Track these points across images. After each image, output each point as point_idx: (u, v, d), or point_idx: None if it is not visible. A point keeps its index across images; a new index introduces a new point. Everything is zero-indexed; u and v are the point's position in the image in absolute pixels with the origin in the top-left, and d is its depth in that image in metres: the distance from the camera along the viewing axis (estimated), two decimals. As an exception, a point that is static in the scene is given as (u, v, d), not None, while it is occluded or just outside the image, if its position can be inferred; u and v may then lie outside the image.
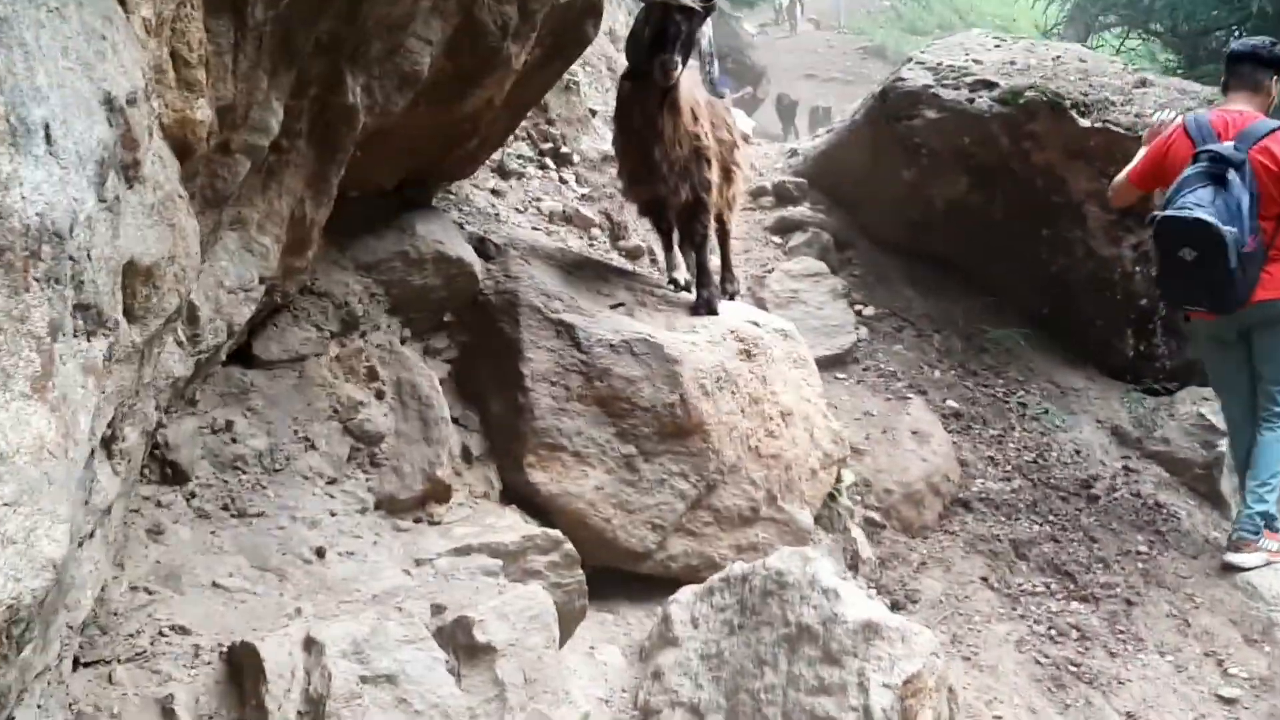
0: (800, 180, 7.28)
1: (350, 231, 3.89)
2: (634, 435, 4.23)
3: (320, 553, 3.30)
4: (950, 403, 6.19)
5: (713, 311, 4.78)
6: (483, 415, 4.21)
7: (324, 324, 3.69)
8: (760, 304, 6.31)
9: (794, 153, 7.77)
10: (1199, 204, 4.81)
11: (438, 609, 3.05)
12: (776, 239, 6.97)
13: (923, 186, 6.76)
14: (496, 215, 5.45)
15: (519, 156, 6.20)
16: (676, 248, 5.15)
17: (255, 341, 3.54)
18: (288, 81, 2.90)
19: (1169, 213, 4.90)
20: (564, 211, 6.09)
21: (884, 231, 7.11)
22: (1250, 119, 5.11)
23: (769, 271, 6.56)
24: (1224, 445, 6.18)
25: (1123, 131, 6.11)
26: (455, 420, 4.17)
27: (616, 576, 4.24)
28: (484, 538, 3.66)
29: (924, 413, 5.93)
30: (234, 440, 3.36)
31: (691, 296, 4.88)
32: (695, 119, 4.60)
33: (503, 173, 5.97)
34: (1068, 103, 6.13)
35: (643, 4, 4.25)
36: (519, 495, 4.12)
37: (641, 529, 4.21)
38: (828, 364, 6.14)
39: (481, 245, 4.42)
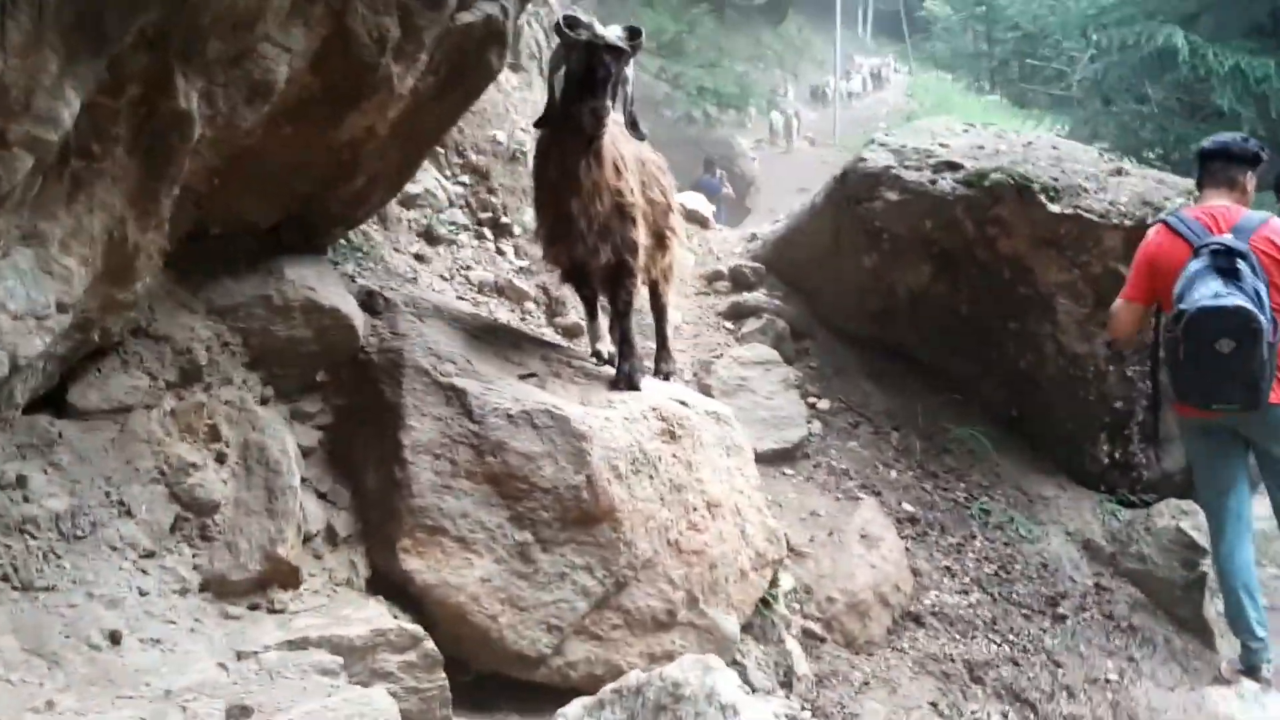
0: (757, 265, 6.86)
1: (206, 270, 3.42)
2: (531, 520, 3.71)
3: (115, 638, 2.76)
4: (906, 506, 5.67)
5: (633, 386, 4.30)
6: (355, 490, 3.69)
7: (159, 372, 3.19)
8: (705, 391, 5.82)
9: (753, 237, 7.37)
10: (1229, 293, 4.50)
11: (239, 712, 2.50)
12: (729, 325, 6.51)
13: (884, 274, 6.33)
14: (413, 280, 5.00)
15: (451, 223, 5.79)
16: (601, 317, 4.69)
17: (72, 387, 3.04)
18: (94, 72, 2.45)
19: (1204, 304, 4.53)
20: (495, 283, 5.66)
21: (843, 320, 6.67)
22: (1238, 212, 4.81)
23: (717, 358, 6.08)
24: (1207, 564, 5.66)
25: (1096, 219, 5.71)
26: (323, 496, 3.66)
27: (505, 684, 3.69)
28: (329, 630, 3.11)
29: (876, 515, 5.40)
30: (26, 499, 2.84)
31: (612, 371, 4.41)
32: (619, 172, 4.17)
33: (429, 237, 5.54)
34: (1036, 186, 5.74)
35: (561, 42, 3.85)
36: (390, 584, 3.58)
37: (535, 630, 3.67)
38: (774, 459, 5.64)
39: (369, 299, 3.95)
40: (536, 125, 4.10)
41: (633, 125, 4.13)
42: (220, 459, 3.22)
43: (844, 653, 4.82)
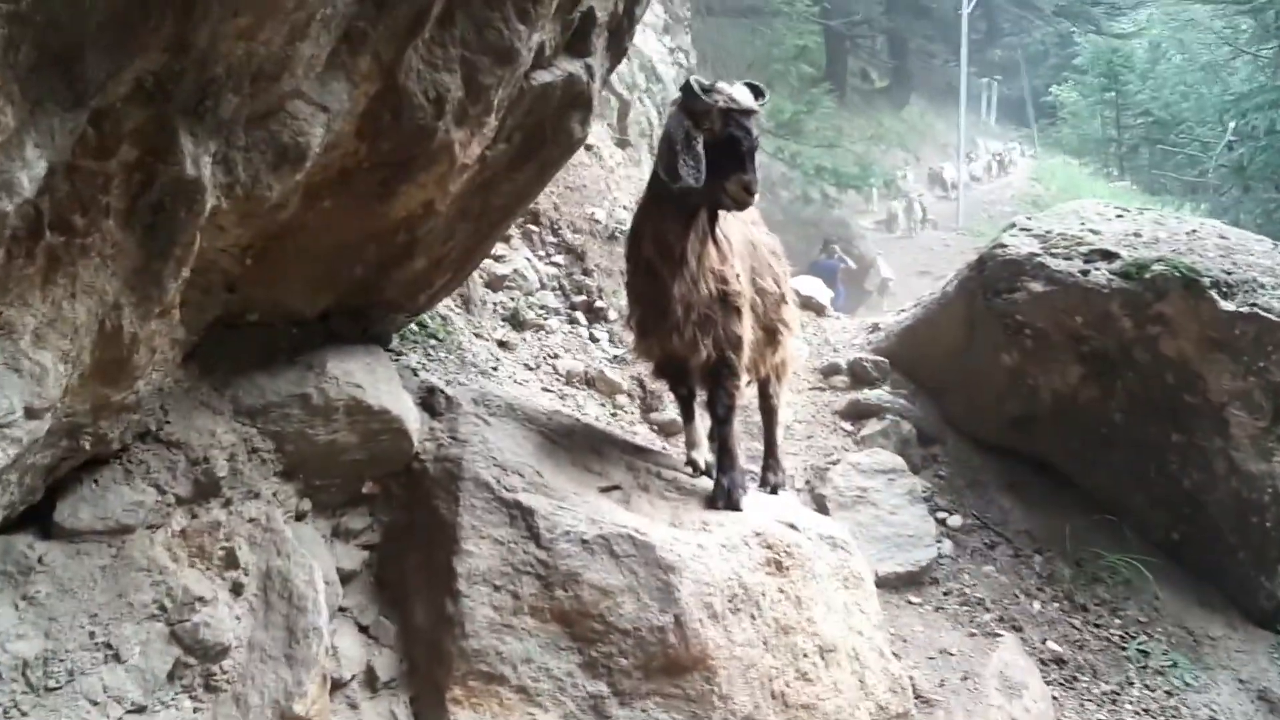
0: (880, 360, 6.20)
1: (236, 365, 2.94)
2: (607, 668, 3.12)
3: (86, 819, 2.23)
4: (1051, 645, 4.89)
5: (733, 506, 3.69)
6: (403, 625, 3.14)
7: (168, 484, 2.69)
8: (820, 503, 5.18)
9: (875, 327, 6.71)
10: None
11: None
12: (847, 426, 5.86)
13: (1026, 375, 5.62)
14: (494, 369, 4.49)
15: (541, 306, 5.30)
16: (700, 420, 4.10)
17: (60, 503, 2.56)
18: (70, 128, 1.99)
19: None
20: (586, 373, 5.12)
21: (977, 425, 5.95)
22: None
23: (834, 463, 5.43)
24: None
25: (1276, 319, 4.93)
26: (365, 629, 3.12)
27: None
28: (355, 808, 2.55)
29: (1018, 656, 4.65)
30: (-12, 642, 2.35)
31: (710, 484, 3.80)
32: (724, 256, 3.61)
33: (516, 322, 5.05)
34: (1206, 281, 5.00)
35: (681, 107, 3.32)
36: (437, 743, 3.01)
37: (610, 800, 3.06)
38: (898, 584, 4.95)
39: (430, 397, 3.44)
40: (646, 197, 3.58)
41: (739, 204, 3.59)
42: (236, 590, 2.70)
43: (979, 825, 4.07)
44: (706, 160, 3.27)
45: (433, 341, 4.18)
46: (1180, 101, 28.47)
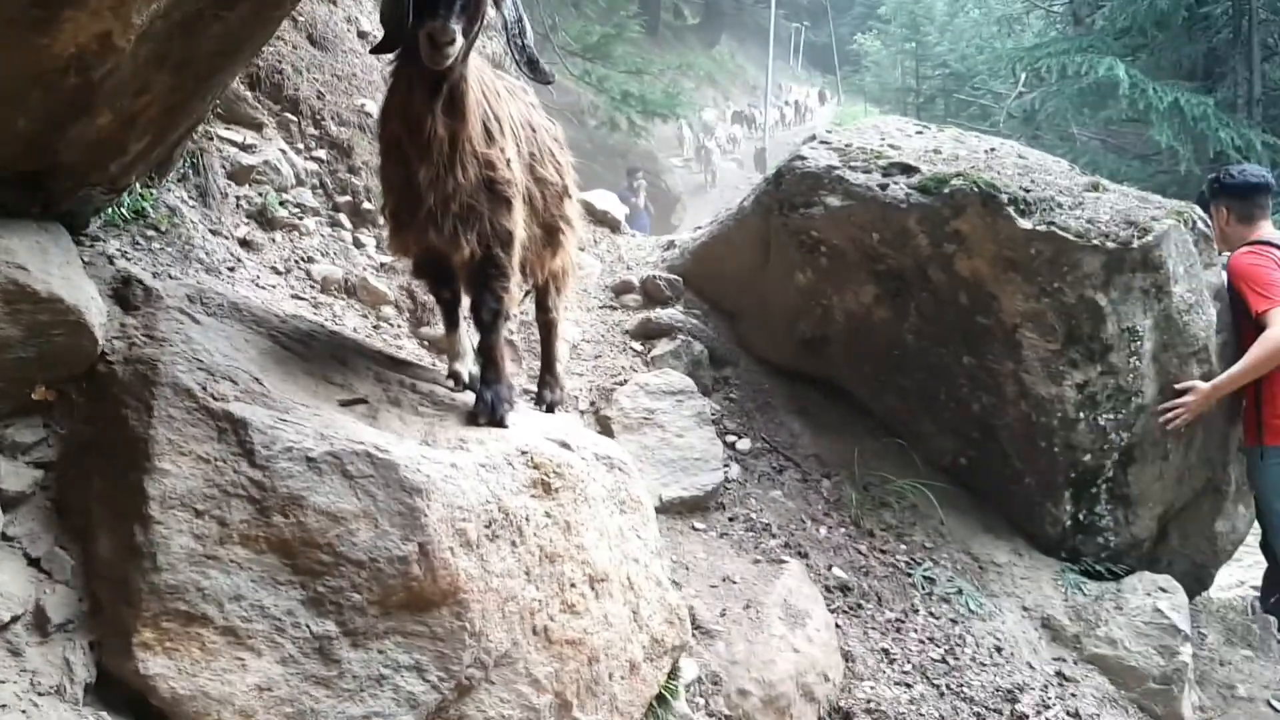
0: (674, 278, 5.86)
1: None
2: (336, 605, 2.66)
3: None
4: (837, 571, 4.69)
5: (497, 421, 3.26)
6: (84, 557, 2.59)
7: None
8: (604, 425, 4.82)
9: (671, 245, 6.36)
10: None
11: None
12: (637, 346, 5.50)
13: (820, 294, 5.38)
14: (231, 271, 3.92)
15: (297, 205, 4.71)
16: (465, 329, 3.64)
17: None
18: None
19: None
20: (345, 281, 4.58)
21: (771, 347, 5.69)
22: None
23: (621, 384, 5.07)
24: (1187, 652, 4.79)
25: (1073, 239, 4.81)
26: (35, 563, 2.56)
27: (292, 825, 2.63)
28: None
29: (802, 583, 4.42)
30: None
31: (471, 397, 3.37)
32: (490, 136, 3.15)
33: (264, 220, 4.46)
34: (1004, 197, 4.83)
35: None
36: (123, 694, 2.50)
37: (336, 755, 2.61)
38: (683, 509, 4.65)
39: (124, 288, 2.86)
40: (373, 51, 3.08)
41: (531, 65, 3.13)
42: None
43: (757, 763, 3.83)
44: (411, 7, 2.79)
45: (151, 232, 3.57)
46: (976, 54, 29.41)
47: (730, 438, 5.14)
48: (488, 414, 3.23)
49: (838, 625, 4.41)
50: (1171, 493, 5.49)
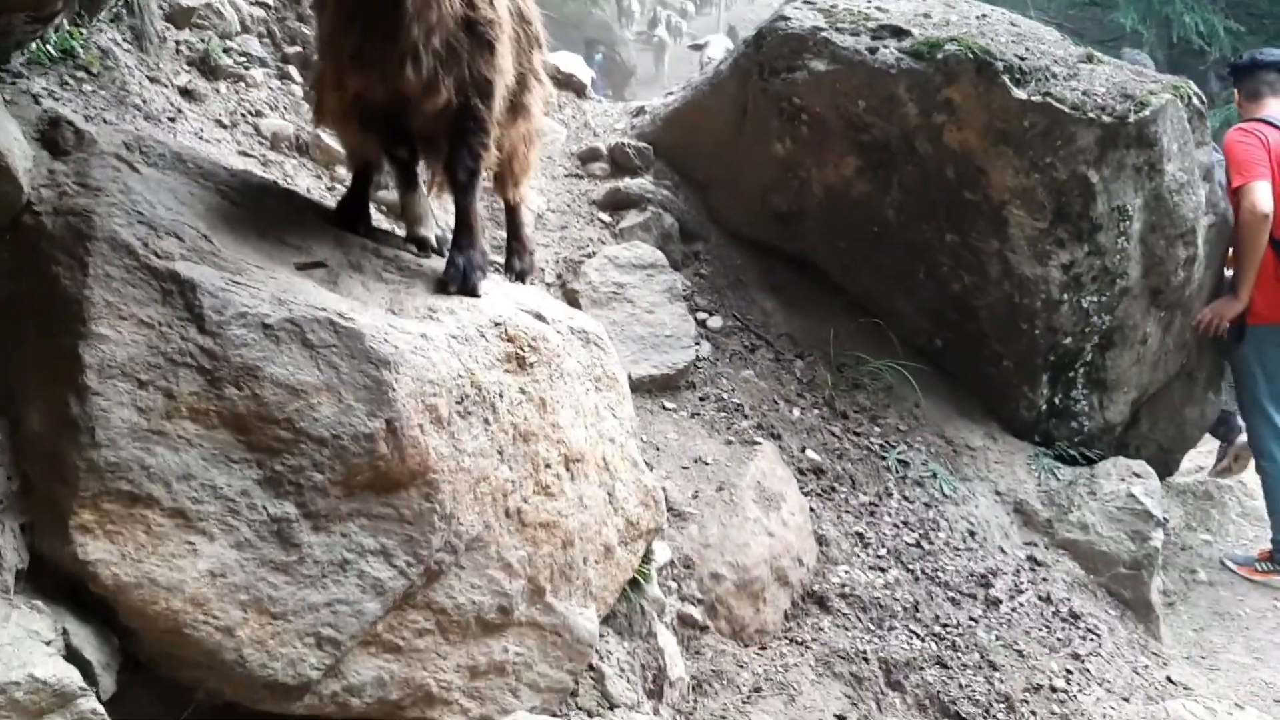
0: (644, 146, 5.55)
1: None
2: (295, 485, 2.42)
3: None
4: (810, 453, 4.54)
5: (470, 290, 2.99)
6: (12, 432, 2.32)
7: None
8: (571, 299, 4.58)
9: (640, 111, 6.03)
10: None
11: None
12: (605, 217, 5.23)
13: (798, 165, 5.12)
14: (171, 122, 3.58)
15: (243, 53, 4.35)
16: (422, 189, 3.32)
17: None
18: None
19: None
20: (297, 137, 4.25)
21: (744, 221, 5.44)
22: None
23: (589, 256, 4.81)
24: (1159, 537, 4.74)
25: (1068, 111, 4.58)
26: (-45, 435, 2.30)
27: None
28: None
29: (776, 465, 4.27)
30: None
31: (442, 263, 3.10)
32: None
33: (207, 68, 4.10)
34: (1000, 65, 4.57)
35: None
36: (60, 581, 2.27)
37: (297, 644, 2.41)
38: (653, 387, 4.45)
39: (53, 130, 2.55)
40: None
41: None
42: None
43: (730, 646, 3.72)
44: None
45: (82, 74, 3.22)
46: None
47: (701, 315, 4.92)
48: (459, 282, 2.96)
49: (811, 509, 4.27)
50: (1147, 377, 5.41)
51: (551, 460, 3.01)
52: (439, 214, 3.43)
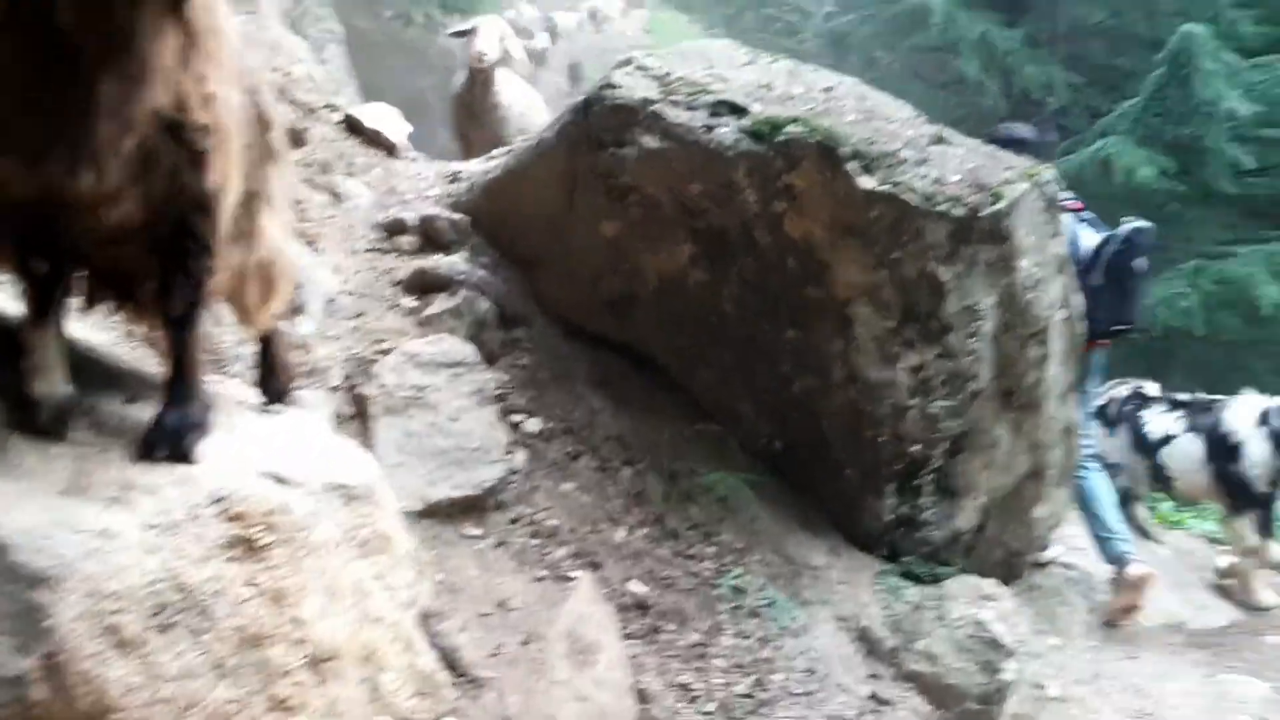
0: (460, 217, 4.96)
1: None
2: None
3: None
4: (634, 585, 4.00)
5: (182, 456, 2.33)
6: None
7: None
8: (361, 405, 3.96)
9: (456, 176, 5.43)
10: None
11: None
12: (410, 301, 4.62)
13: (630, 249, 4.61)
14: None
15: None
16: (62, 328, 2.38)
17: None
18: None
19: (1140, 224, 5.90)
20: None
21: (573, 307, 4.90)
22: None
23: (384, 353, 4.19)
24: (1011, 668, 4.37)
25: (918, 204, 4.17)
26: None
27: None
28: None
29: (593, 605, 3.72)
30: None
31: (144, 415, 2.41)
32: (210, 62, 2.17)
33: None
34: (845, 150, 4.14)
35: None
36: None
37: None
38: (454, 511, 3.87)
39: None
40: None
41: None
42: None
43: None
44: None
45: None
46: (786, -34, 28.87)
47: (517, 416, 4.35)
48: (169, 445, 2.31)
49: (633, 656, 3.73)
50: (997, 480, 5.06)
51: (291, 665, 2.39)
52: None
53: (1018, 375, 4.76)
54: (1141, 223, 6.05)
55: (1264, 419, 6.61)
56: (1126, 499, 7.58)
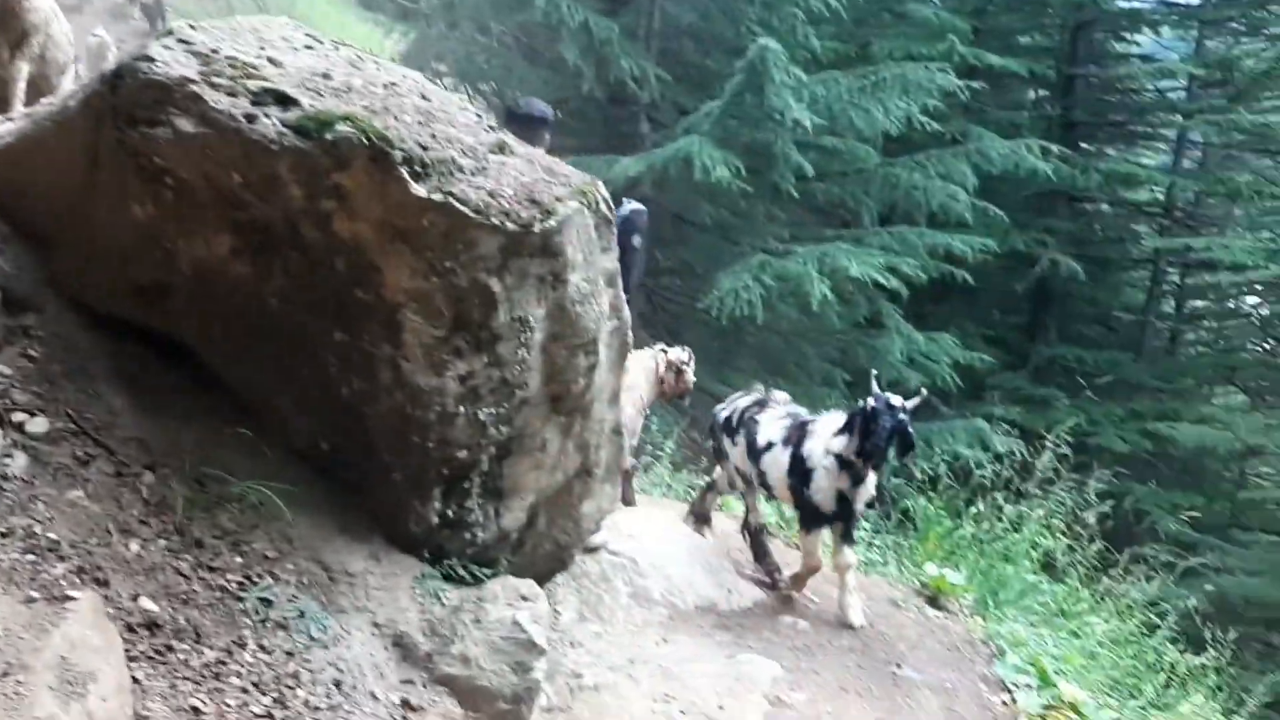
0: (-32, 182, 4.38)
1: None
2: None
3: None
4: (146, 602, 3.72)
5: None
6: None
7: None
8: None
9: (-35, 135, 4.80)
10: None
11: None
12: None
13: (163, 235, 4.26)
14: None
15: None
16: None
17: None
18: None
19: (636, 206, 7.37)
20: None
21: (98, 292, 4.46)
22: None
23: None
24: (541, 668, 4.50)
25: (471, 215, 4.16)
26: None
27: None
28: None
29: (92, 630, 3.41)
30: None
31: None
32: None
33: None
34: (399, 154, 4.04)
35: None
36: None
37: None
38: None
39: None
40: None
41: None
42: None
43: None
44: None
45: None
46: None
47: (18, 415, 3.91)
48: None
49: (137, 680, 3.47)
50: (546, 480, 5.21)
51: None
52: None
53: (567, 383, 4.90)
54: (637, 205, 7.32)
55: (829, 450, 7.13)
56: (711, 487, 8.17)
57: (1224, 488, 19.82)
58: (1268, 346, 23.48)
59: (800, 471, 7.17)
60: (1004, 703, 6.69)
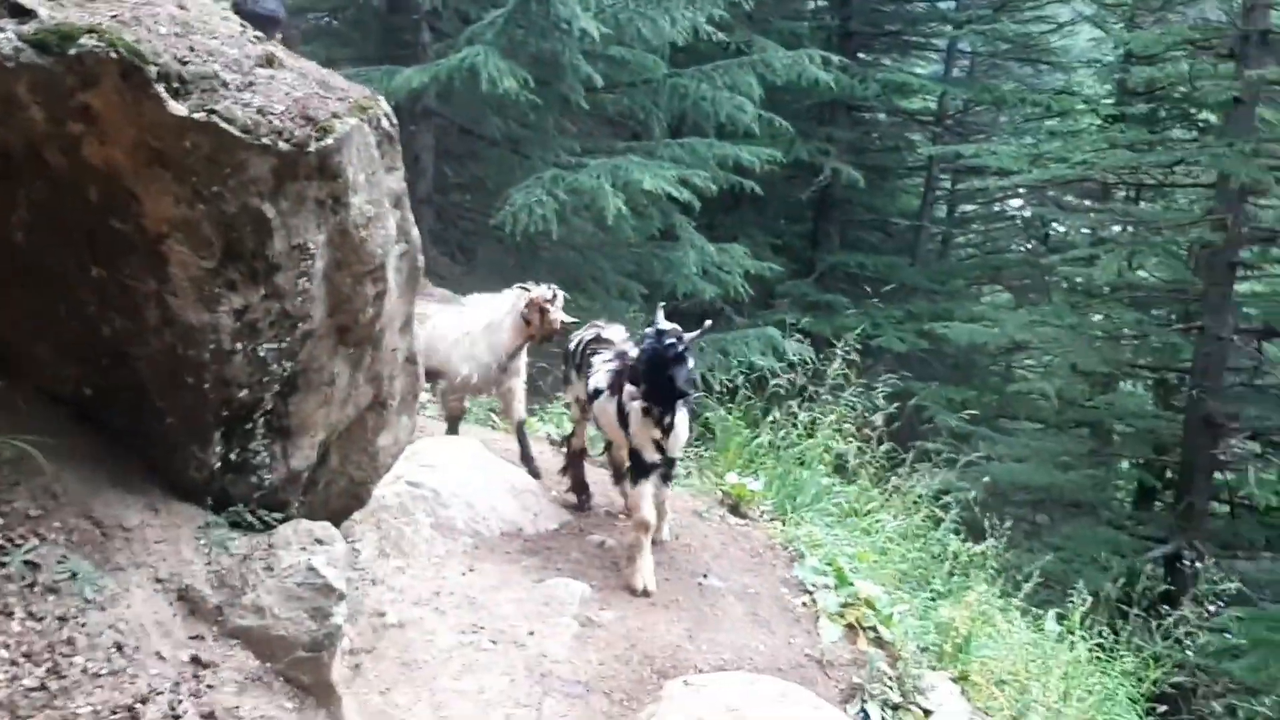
0: None
1: None
2: None
3: None
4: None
5: None
6: None
7: None
8: None
9: None
10: None
11: None
12: None
13: (-119, 162, 3.79)
14: None
15: None
16: None
17: None
18: None
19: None
20: None
21: None
22: None
23: None
24: (341, 612, 4.33)
25: (238, 134, 3.85)
26: None
27: None
28: None
29: None
30: None
31: None
32: None
33: None
34: (153, 70, 3.68)
35: None
36: None
37: None
38: None
39: None
40: None
41: None
42: None
43: None
44: None
45: None
46: None
47: None
48: None
49: (-118, 665, 3.14)
50: (336, 415, 4.96)
51: None
52: None
53: (354, 312, 4.66)
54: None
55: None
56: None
57: (993, 381, 21.15)
58: (1030, 247, 24.98)
59: (625, 419, 6.91)
60: (804, 604, 6.92)
